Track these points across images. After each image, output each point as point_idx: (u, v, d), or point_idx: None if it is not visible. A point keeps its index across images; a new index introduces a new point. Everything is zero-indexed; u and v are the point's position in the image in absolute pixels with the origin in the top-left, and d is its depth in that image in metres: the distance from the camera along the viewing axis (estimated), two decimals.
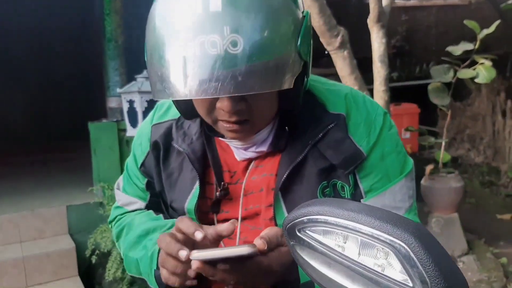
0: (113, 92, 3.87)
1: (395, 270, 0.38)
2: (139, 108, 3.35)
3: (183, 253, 0.60)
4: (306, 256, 0.44)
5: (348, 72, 2.69)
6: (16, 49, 6.34)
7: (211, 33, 0.57)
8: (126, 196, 0.91)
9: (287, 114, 0.74)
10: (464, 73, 3.03)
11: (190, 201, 0.79)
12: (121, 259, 2.24)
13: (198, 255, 0.58)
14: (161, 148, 0.82)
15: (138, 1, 3.82)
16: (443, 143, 3.36)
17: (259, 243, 0.61)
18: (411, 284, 0.37)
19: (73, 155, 4.82)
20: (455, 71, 3.05)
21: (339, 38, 2.58)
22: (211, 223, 0.79)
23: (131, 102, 3.44)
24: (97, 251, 2.93)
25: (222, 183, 0.78)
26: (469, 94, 5.48)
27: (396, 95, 5.17)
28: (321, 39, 2.62)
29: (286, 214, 0.73)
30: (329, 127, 0.73)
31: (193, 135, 0.80)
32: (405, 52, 6.87)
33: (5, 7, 5.78)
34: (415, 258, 0.35)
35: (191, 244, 0.64)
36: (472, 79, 3.02)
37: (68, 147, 5.40)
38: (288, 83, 0.63)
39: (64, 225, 3.25)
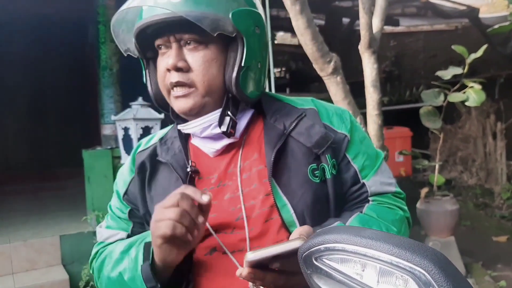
0: (107, 119, 3.88)
1: None
2: (134, 135, 3.36)
3: (206, 197, 0.69)
4: (323, 285, 0.44)
5: (342, 97, 2.73)
6: (9, 77, 6.35)
7: None
8: (108, 231, 0.93)
9: (232, 99, 0.83)
10: (455, 97, 3.09)
11: None
12: None
13: (253, 255, 0.60)
14: (148, 168, 0.89)
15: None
16: (437, 166, 3.39)
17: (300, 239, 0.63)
18: None
19: (66, 183, 4.77)
20: (446, 95, 3.11)
21: (331, 64, 2.63)
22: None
23: (126, 129, 3.44)
24: (91, 283, 2.87)
25: (190, 161, 0.85)
26: (460, 116, 5.57)
27: (387, 119, 5.23)
28: (314, 65, 2.67)
29: (284, 198, 0.80)
30: (299, 118, 0.85)
31: (176, 149, 0.89)
32: (394, 77, 7.01)
33: (1, 40, 5.83)
34: (435, 285, 0.35)
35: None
36: (462, 102, 3.08)
37: (61, 175, 5.35)
38: (212, 30, 0.75)
39: (57, 256, 3.18)
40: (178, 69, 0.78)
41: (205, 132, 0.84)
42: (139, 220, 0.91)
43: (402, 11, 5.52)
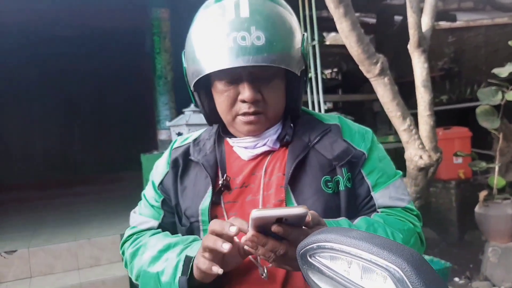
0: (163, 125, 4.08)
1: None
2: None
3: (232, 229, 0.69)
4: (317, 280, 0.48)
5: (390, 98, 2.68)
6: (74, 88, 6.87)
7: (242, 30, 0.80)
8: (141, 217, 1.01)
9: (291, 115, 0.94)
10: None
11: (204, 202, 0.90)
12: None
13: (258, 212, 0.63)
14: (181, 164, 0.97)
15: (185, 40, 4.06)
16: (496, 168, 3.21)
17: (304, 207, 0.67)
18: None
19: (127, 185, 5.06)
20: (503, 93, 2.95)
21: (378, 66, 2.60)
22: None
23: (179, 134, 3.61)
24: None
25: (225, 174, 0.91)
26: None
27: (447, 119, 5.01)
28: (361, 67, 2.65)
29: (295, 204, 0.85)
30: (324, 132, 0.92)
31: (207, 150, 0.97)
32: (454, 74, 6.68)
33: (65, 53, 6.31)
34: (408, 282, 0.38)
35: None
36: None
37: (123, 177, 5.67)
38: (295, 69, 0.84)
39: (118, 253, 3.39)
40: (256, 101, 0.85)
41: (256, 146, 0.92)
42: (170, 210, 0.99)
43: (458, 6, 5.27)
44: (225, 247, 0.70)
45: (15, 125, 6.77)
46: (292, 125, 0.93)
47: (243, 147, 0.93)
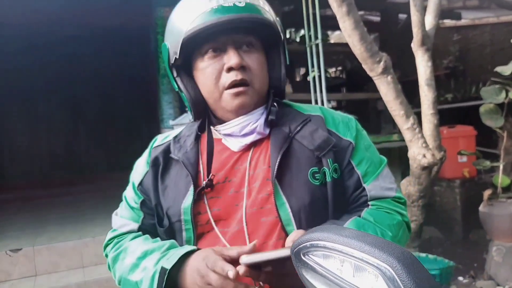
0: (166, 124, 4.09)
1: None
2: None
3: (231, 273, 0.71)
4: (310, 278, 0.49)
5: (393, 96, 2.68)
6: (79, 87, 6.90)
7: None
8: (121, 219, 1.00)
9: (276, 97, 0.94)
10: None
11: (186, 201, 0.89)
12: None
13: (247, 259, 0.68)
14: (161, 163, 0.95)
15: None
16: (501, 166, 3.19)
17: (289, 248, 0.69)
18: None
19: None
20: (507, 91, 2.93)
21: (381, 64, 2.59)
22: (207, 222, 0.89)
23: None
24: None
25: (210, 174, 0.90)
26: None
27: (452, 117, 4.98)
28: (364, 66, 2.64)
29: (283, 197, 0.85)
30: (304, 122, 0.91)
31: (188, 147, 0.95)
32: (459, 72, 6.64)
33: (70, 53, 6.35)
34: (398, 280, 0.38)
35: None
36: None
37: (126, 176, 5.68)
38: (275, 31, 0.87)
39: None
40: (241, 68, 0.85)
41: (244, 130, 0.90)
42: (149, 211, 0.97)
43: (463, 4, 5.24)
44: (230, 274, 0.71)
45: (20, 124, 6.82)
46: (276, 105, 0.92)
47: (233, 137, 0.91)
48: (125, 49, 6.28)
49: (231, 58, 0.85)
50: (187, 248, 0.83)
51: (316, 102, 3.51)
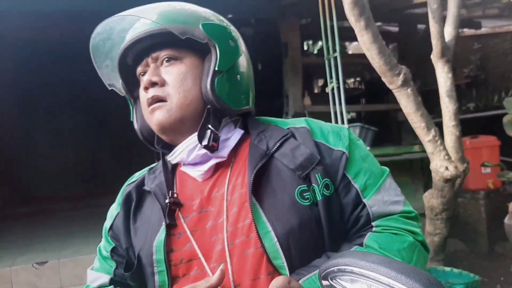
0: None
1: None
2: None
3: None
4: None
5: (413, 109, 2.67)
6: (103, 100, 7.03)
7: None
8: (94, 273, 0.93)
9: (213, 115, 0.82)
10: None
11: (159, 238, 0.80)
12: None
13: None
14: (134, 199, 0.88)
15: None
16: None
17: None
18: None
19: None
20: None
21: (401, 77, 2.59)
22: (181, 261, 0.79)
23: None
24: None
25: (171, 191, 0.83)
26: None
27: (474, 127, 4.90)
28: (383, 79, 2.65)
29: (267, 224, 0.74)
30: (284, 138, 0.81)
31: (162, 177, 0.86)
32: (480, 81, 6.55)
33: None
34: None
35: None
36: None
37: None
38: (181, 34, 0.78)
39: None
40: (153, 84, 0.81)
41: (191, 156, 0.82)
42: (121, 260, 0.89)
43: (483, 13, 5.19)
44: None
45: (46, 138, 7.00)
46: (212, 128, 0.80)
47: (189, 166, 0.85)
48: None
49: (145, 76, 0.83)
50: None
51: (335, 114, 3.52)
